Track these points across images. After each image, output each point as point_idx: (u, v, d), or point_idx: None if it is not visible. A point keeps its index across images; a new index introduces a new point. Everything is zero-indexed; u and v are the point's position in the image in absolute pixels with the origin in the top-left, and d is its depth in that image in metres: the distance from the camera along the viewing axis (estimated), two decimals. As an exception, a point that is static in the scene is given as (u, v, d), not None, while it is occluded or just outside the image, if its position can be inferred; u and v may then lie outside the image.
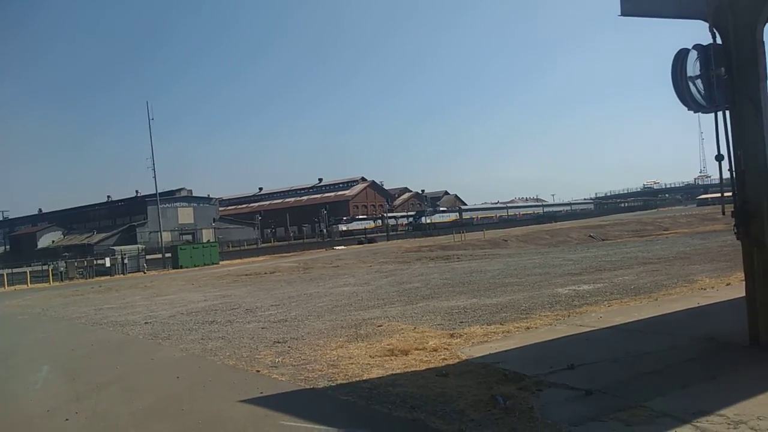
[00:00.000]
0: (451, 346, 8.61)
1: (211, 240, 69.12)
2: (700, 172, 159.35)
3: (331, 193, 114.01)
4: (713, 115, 6.85)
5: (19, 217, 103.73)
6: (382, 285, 19.60)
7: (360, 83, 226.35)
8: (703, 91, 6.91)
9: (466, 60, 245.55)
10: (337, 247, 62.64)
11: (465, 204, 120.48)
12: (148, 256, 50.36)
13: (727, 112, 6.77)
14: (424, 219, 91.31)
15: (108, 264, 45.68)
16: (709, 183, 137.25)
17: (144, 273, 45.20)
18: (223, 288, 24.23)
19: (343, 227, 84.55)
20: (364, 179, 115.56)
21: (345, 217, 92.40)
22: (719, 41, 6.79)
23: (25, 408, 7.37)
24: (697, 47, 6.87)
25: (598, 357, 7.09)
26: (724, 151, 6.77)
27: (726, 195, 6.94)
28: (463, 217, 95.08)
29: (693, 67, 6.92)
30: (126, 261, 46.40)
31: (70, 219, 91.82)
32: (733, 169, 6.76)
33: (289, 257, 51.06)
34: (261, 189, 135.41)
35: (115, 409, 6.99)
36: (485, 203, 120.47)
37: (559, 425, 4.95)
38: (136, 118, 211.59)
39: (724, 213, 6.99)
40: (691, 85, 6.96)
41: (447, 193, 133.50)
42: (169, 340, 11.62)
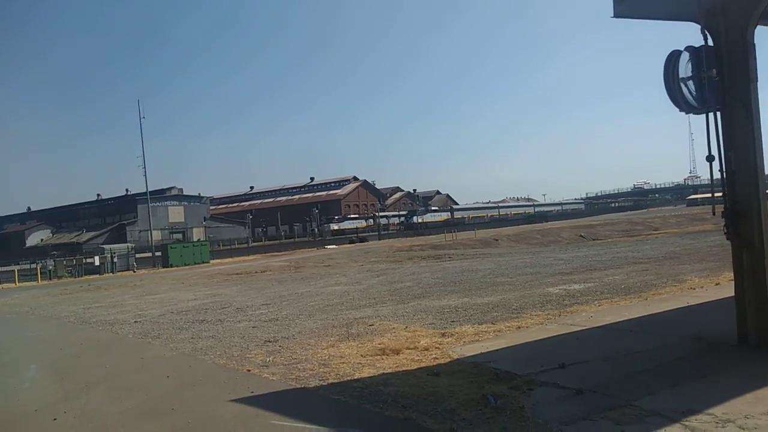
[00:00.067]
0: (443, 345, 8.61)
1: (201, 239, 68.87)
2: (690, 173, 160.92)
3: (323, 192, 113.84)
4: (704, 116, 6.88)
5: (7, 215, 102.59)
6: (373, 284, 19.58)
7: (352, 83, 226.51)
8: (694, 93, 6.93)
9: (458, 60, 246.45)
10: (328, 246, 62.56)
11: (456, 203, 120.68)
12: (137, 255, 50.09)
13: (718, 113, 6.80)
14: (415, 218, 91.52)
15: (97, 263, 45.35)
16: (698, 183, 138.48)
17: (134, 272, 44.93)
18: (213, 287, 24.11)
19: (334, 226, 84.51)
20: (356, 178, 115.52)
21: (336, 217, 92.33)
22: (711, 43, 6.82)
23: (12, 407, 7.28)
24: (689, 49, 6.91)
25: (588, 356, 7.11)
26: (714, 152, 6.80)
27: (716, 195, 6.98)
28: (455, 216, 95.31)
29: (685, 68, 6.95)
30: (115, 260, 46.10)
31: (59, 217, 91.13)
32: (723, 170, 6.79)
33: (280, 256, 50.93)
34: (252, 188, 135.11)
35: (104, 408, 6.92)
36: (477, 203, 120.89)
37: (550, 424, 4.96)
38: (127, 117, 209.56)
39: (714, 213, 7.04)
40: (682, 86, 6.99)
41: (439, 192, 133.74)
42: (158, 339, 11.54)
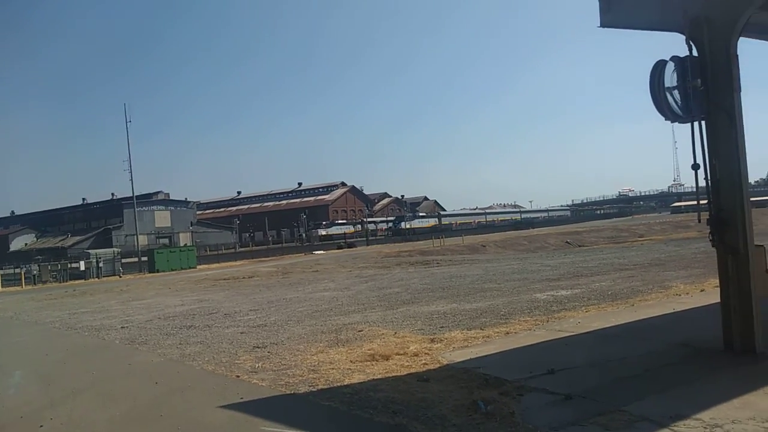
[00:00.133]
0: (432, 351, 8.63)
1: (188, 244, 68.43)
2: (674, 181, 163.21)
3: (311, 198, 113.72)
4: (690, 125, 6.99)
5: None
6: (362, 290, 19.57)
7: (340, 89, 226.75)
8: (680, 102, 7.03)
9: (444, 66, 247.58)
10: (316, 252, 62.39)
11: (444, 209, 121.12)
12: (124, 260, 49.53)
13: (703, 122, 6.91)
14: (403, 224, 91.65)
15: (83, 267, 44.75)
16: (682, 191, 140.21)
17: (120, 277, 44.43)
18: (200, 292, 23.94)
19: (322, 232, 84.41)
20: (344, 184, 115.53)
21: (324, 222, 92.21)
22: (695, 53, 6.94)
23: (-3, 414, 7.19)
24: (674, 59, 7.02)
25: (577, 362, 7.18)
26: (700, 160, 6.90)
27: (701, 203, 7.09)
28: (442, 222, 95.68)
29: (670, 78, 7.06)
30: (101, 265, 45.53)
31: (43, 221, 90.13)
32: (708, 178, 6.91)
33: (267, 262, 50.64)
34: (239, 193, 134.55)
35: (91, 415, 6.85)
36: (464, 209, 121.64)
37: (540, 430, 5.00)
38: (114, 121, 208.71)
39: (699, 220, 7.14)
40: (668, 95, 7.09)
41: (426, 198, 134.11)
42: (146, 345, 11.44)
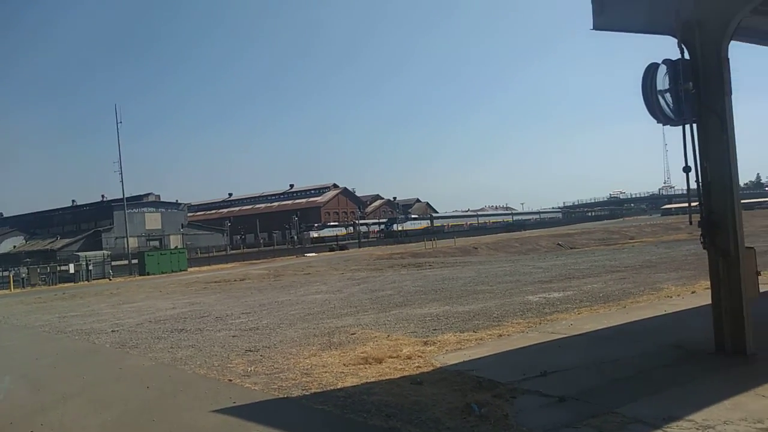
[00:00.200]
0: (425, 353, 8.62)
1: (179, 246, 67.95)
2: (664, 183, 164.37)
3: (303, 200, 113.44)
4: (681, 127, 7.04)
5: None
6: (354, 292, 19.55)
7: (332, 91, 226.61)
8: (671, 105, 7.09)
9: (436, 68, 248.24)
10: (308, 254, 62.21)
11: (436, 212, 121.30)
12: (114, 263, 49.16)
13: (695, 125, 6.96)
14: (395, 226, 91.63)
15: (72, 270, 44.38)
16: (672, 193, 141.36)
17: (110, 280, 44.10)
18: (191, 295, 23.82)
19: (314, 234, 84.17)
20: (336, 186, 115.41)
21: (316, 224, 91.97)
22: (687, 57, 6.99)
23: (-14, 420, 7.11)
24: (666, 62, 7.07)
25: (570, 364, 7.20)
26: (691, 162, 6.95)
27: (692, 205, 7.14)
28: (435, 224, 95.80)
29: (662, 81, 7.11)
30: (91, 267, 45.17)
31: (32, 224, 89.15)
32: (699, 181, 6.95)
33: (259, 264, 50.44)
34: (231, 195, 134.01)
35: (82, 420, 6.79)
36: (456, 211, 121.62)
37: (534, 432, 5.01)
38: (104, 122, 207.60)
39: (691, 222, 7.18)
40: (660, 98, 7.14)
41: (418, 200, 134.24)
42: (137, 349, 11.36)
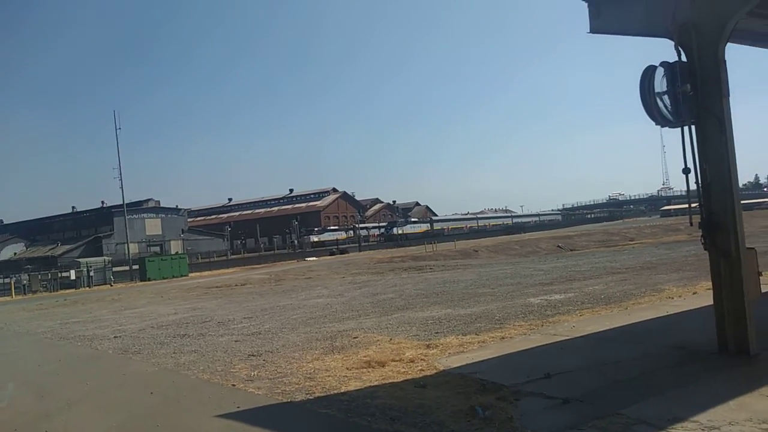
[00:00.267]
0: (428, 356, 8.64)
1: (179, 252, 67.93)
2: (663, 184, 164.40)
3: (303, 204, 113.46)
4: (680, 129, 7.08)
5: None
6: (355, 296, 19.56)
7: (331, 95, 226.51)
8: (669, 107, 7.12)
9: (435, 70, 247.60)
10: (308, 259, 62.23)
11: (436, 215, 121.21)
12: (114, 269, 49.22)
13: (693, 127, 7.00)
14: (395, 230, 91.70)
15: (73, 277, 44.41)
16: (671, 195, 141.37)
17: (111, 285, 44.12)
18: (193, 300, 23.82)
19: (314, 238, 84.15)
20: (335, 190, 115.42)
21: (316, 228, 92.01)
22: (684, 59, 7.04)
23: (-10, 427, 7.13)
24: (663, 64, 7.11)
25: (573, 366, 7.21)
26: (690, 164, 6.98)
27: (693, 206, 7.17)
28: (434, 227, 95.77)
29: (660, 83, 7.15)
30: (92, 273, 45.21)
31: (33, 230, 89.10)
32: (699, 182, 6.99)
33: (259, 269, 50.47)
34: (230, 200, 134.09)
35: (87, 427, 6.81)
36: (455, 214, 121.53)
37: (538, 434, 5.02)
38: (104, 128, 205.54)
39: (691, 224, 7.21)
40: (658, 100, 7.18)
41: (418, 204, 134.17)
42: (139, 355, 11.38)
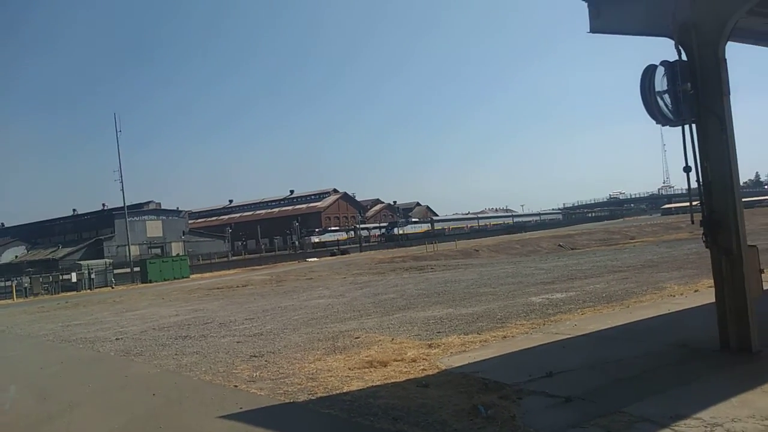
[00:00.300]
0: (430, 356, 8.65)
1: (180, 253, 67.95)
2: (664, 183, 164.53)
3: (303, 205, 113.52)
4: (680, 128, 7.08)
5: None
6: (357, 296, 19.56)
7: (331, 96, 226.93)
8: (670, 106, 7.13)
9: (435, 70, 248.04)
10: (309, 259, 62.24)
11: (436, 215, 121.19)
12: (116, 271, 49.21)
13: (694, 125, 7.01)
14: (396, 230, 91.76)
15: (74, 279, 44.43)
16: (672, 193, 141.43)
17: (112, 288, 44.14)
18: (194, 302, 23.83)
19: (315, 239, 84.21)
20: (336, 191, 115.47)
21: (317, 229, 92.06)
22: (685, 58, 7.04)
23: (-6, 430, 7.14)
24: (664, 63, 7.12)
25: (575, 364, 7.22)
26: (691, 162, 6.99)
27: (693, 204, 7.17)
28: (435, 227, 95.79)
29: (661, 82, 7.15)
30: (93, 276, 45.22)
31: (34, 233, 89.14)
32: (700, 180, 6.99)
33: (261, 270, 50.46)
34: (231, 201, 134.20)
35: (89, 429, 6.82)
36: (456, 214, 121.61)
37: (541, 433, 5.03)
38: (104, 131, 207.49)
39: (693, 222, 7.22)
40: (659, 99, 7.18)
41: (419, 204, 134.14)
42: (141, 356, 11.39)
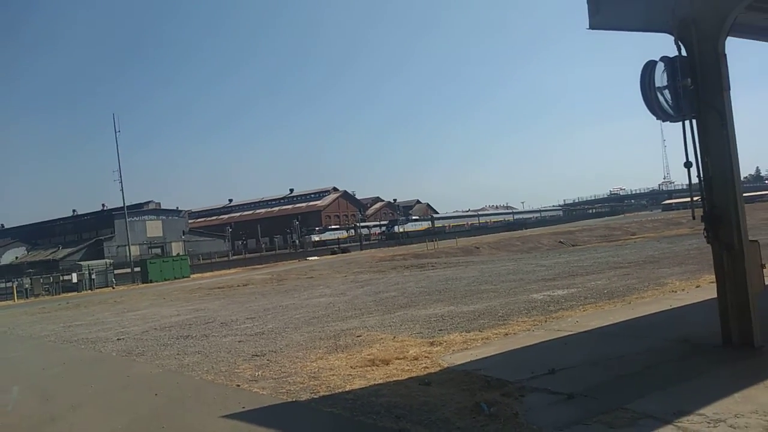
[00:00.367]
0: (432, 354, 8.65)
1: (180, 253, 67.94)
2: (664, 178, 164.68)
3: (303, 204, 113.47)
4: (681, 123, 7.08)
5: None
6: (358, 295, 19.56)
7: (331, 95, 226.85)
8: (670, 101, 7.12)
9: (435, 70, 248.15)
10: (310, 258, 62.21)
11: (437, 212, 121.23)
12: (116, 271, 49.19)
13: (694, 121, 7.00)
14: (396, 228, 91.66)
15: (75, 280, 44.42)
16: (672, 189, 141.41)
17: (113, 288, 44.14)
18: (195, 302, 23.83)
19: (315, 237, 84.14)
20: (335, 189, 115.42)
21: (317, 228, 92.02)
22: (685, 53, 7.03)
23: (-4, 431, 7.14)
24: (664, 59, 7.11)
25: (577, 361, 7.22)
26: (692, 158, 6.99)
27: (695, 200, 7.17)
28: (436, 225, 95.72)
29: (661, 78, 7.14)
30: (94, 276, 45.21)
31: (34, 234, 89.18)
32: (701, 176, 6.99)
33: (261, 269, 50.46)
34: (231, 200, 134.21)
35: (92, 429, 6.83)
36: (456, 211, 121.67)
37: (544, 430, 5.02)
38: (103, 131, 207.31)
39: (694, 217, 7.22)
40: (659, 95, 7.17)
41: (419, 201, 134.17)
42: (143, 357, 11.39)
